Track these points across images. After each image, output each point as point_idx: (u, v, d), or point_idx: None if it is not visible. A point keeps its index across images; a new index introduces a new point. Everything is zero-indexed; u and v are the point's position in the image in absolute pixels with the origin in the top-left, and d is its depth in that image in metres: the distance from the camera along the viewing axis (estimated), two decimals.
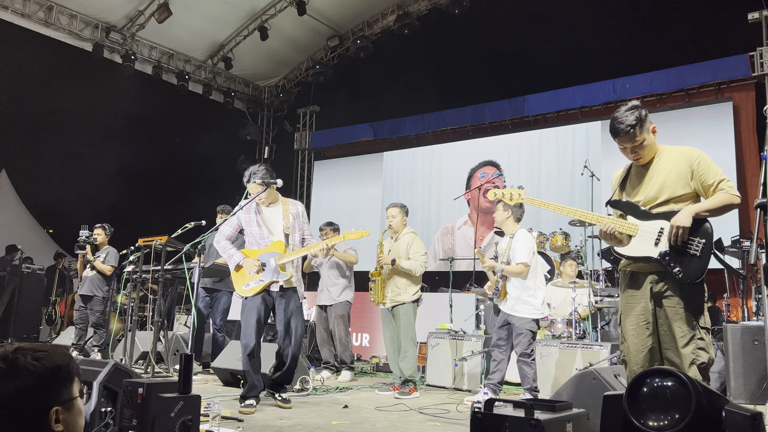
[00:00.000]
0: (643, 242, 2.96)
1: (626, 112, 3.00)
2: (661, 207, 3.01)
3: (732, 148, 8.72)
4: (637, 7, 9.82)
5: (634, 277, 3.04)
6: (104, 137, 11.96)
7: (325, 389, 5.65)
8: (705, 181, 2.94)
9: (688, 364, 2.78)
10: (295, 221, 4.64)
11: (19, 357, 1.38)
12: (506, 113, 11.04)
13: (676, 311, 2.87)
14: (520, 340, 4.91)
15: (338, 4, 11.75)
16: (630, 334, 2.98)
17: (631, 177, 3.18)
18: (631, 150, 3.03)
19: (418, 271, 5.52)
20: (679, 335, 2.83)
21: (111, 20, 11.21)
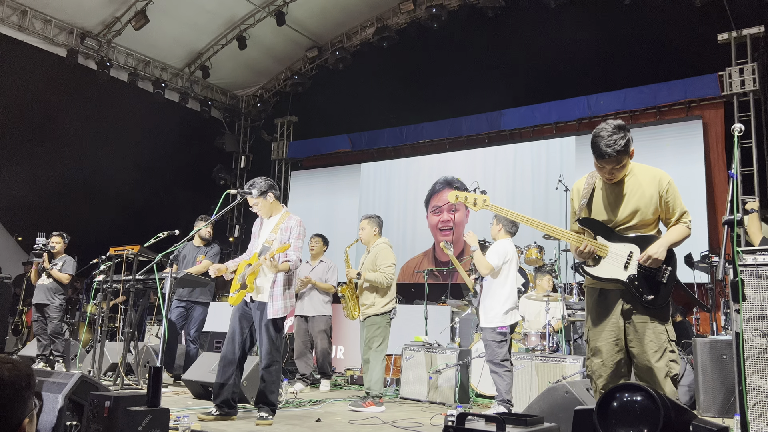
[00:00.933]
0: (612, 264, 3.00)
1: (615, 135, 2.88)
2: (631, 230, 3.04)
3: (702, 165, 8.91)
4: (612, 26, 10.02)
5: (604, 294, 3.07)
6: (76, 144, 11.78)
7: (298, 402, 5.59)
8: (672, 208, 3.01)
9: (663, 376, 2.82)
10: (282, 235, 4.60)
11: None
12: (483, 127, 11.14)
13: (647, 326, 2.91)
14: (487, 349, 4.96)
15: (317, 16, 11.78)
16: (601, 350, 3.00)
17: (599, 193, 3.14)
18: (610, 171, 3.00)
19: (383, 283, 5.49)
20: (652, 350, 2.87)
21: (86, 26, 11.08)
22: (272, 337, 4.48)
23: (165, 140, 12.10)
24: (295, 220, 4.68)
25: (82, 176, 12.03)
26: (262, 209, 4.69)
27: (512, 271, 5.12)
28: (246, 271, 4.53)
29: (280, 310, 4.50)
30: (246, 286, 4.50)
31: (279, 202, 4.80)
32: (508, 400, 4.86)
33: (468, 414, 2.28)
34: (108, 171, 12.08)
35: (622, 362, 2.97)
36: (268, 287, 4.53)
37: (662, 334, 2.89)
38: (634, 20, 9.74)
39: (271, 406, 4.48)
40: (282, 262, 4.42)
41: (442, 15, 10.77)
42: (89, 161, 12.01)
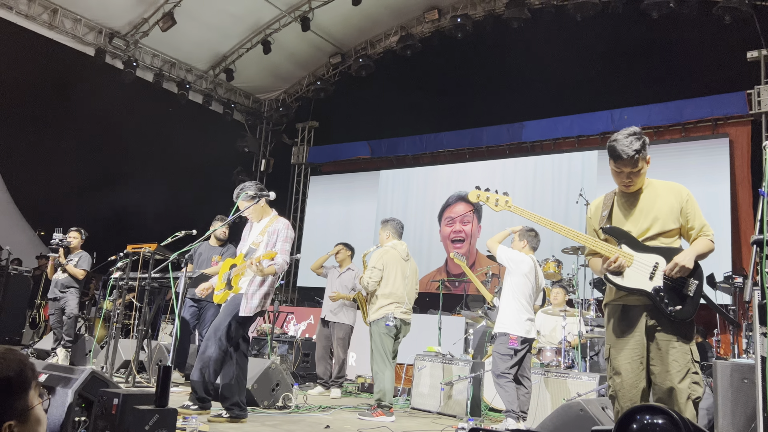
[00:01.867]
0: (637, 274, 2.91)
1: (630, 137, 2.91)
2: (652, 240, 2.97)
3: (727, 184, 8.75)
4: (639, 40, 9.92)
5: (626, 310, 2.98)
6: (101, 142, 11.93)
7: (307, 408, 5.55)
8: (691, 222, 2.95)
9: (685, 399, 2.72)
10: (269, 237, 4.59)
11: None
12: (504, 138, 11.08)
13: (671, 345, 2.82)
14: (492, 358, 4.93)
15: (342, 22, 11.83)
16: (624, 368, 2.90)
17: (618, 207, 3.11)
18: (627, 175, 2.97)
19: (364, 286, 5.46)
20: (675, 370, 2.78)
21: (115, 26, 11.23)
22: (229, 331, 4.40)
23: (187, 141, 12.21)
24: (282, 223, 4.67)
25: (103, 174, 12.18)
26: (253, 213, 4.68)
27: (525, 284, 5.03)
28: (231, 271, 4.54)
29: (252, 309, 4.46)
30: (231, 287, 4.51)
31: (269, 207, 4.78)
32: (514, 411, 4.78)
33: (480, 429, 2.23)
34: (129, 169, 12.22)
35: (646, 382, 2.88)
36: (245, 285, 4.53)
37: (686, 354, 2.80)
38: (662, 35, 9.64)
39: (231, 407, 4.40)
40: (268, 266, 4.39)
41: (467, 25, 10.74)
42: (111, 159, 12.16)
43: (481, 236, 10.59)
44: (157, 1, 10.73)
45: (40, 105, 11.75)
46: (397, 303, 5.43)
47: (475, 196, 3.21)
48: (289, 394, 5.35)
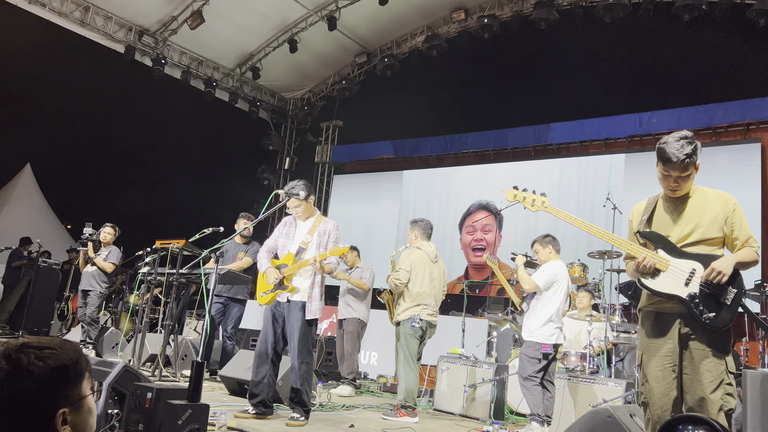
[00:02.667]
0: (672, 279, 2.87)
1: (682, 140, 2.85)
2: (692, 247, 2.92)
3: (758, 190, 8.59)
4: (670, 42, 9.78)
5: (660, 317, 2.94)
6: (129, 139, 12.10)
7: (331, 406, 5.58)
8: (736, 233, 2.89)
9: (717, 410, 2.67)
10: (320, 238, 4.61)
11: (22, 357, 1.28)
12: (530, 140, 10.99)
13: (704, 354, 2.77)
14: (519, 362, 4.91)
15: (368, 22, 11.85)
16: (655, 376, 2.87)
17: (660, 211, 3.07)
18: (675, 179, 2.92)
19: (390, 285, 5.47)
20: (708, 380, 2.73)
21: (144, 24, 11.39)
22: (306, 338, 4.49)
23: (213, 138, 12.34)
24: (332, 224, 4.71)
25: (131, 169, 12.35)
26: (304, 212, 4.71)
27: (559, 292, 5.02)
28: (283, 270, 4.55)
29: (318, 311, 4.55)
30: (284, 286, 4.51)
31: (314, 206, 4.81)
32: (539, 415, 4.76)
33: None
34: (155, 166, 12.38)
35: (678, 391, 2.83)
36: (306, 288, 4.54)
37: (721, 364, 2.75)
38: (693, 38, 9.49)
39: (303, 407, 4.47)
40: (326, 264, 4.44)
41: (494, 26, 10.68)
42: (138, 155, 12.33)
43: (502, 245, 10.54)
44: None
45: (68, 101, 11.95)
46: (424, 305, 5.43)
47: (512, 195, 3.21)
48: (313, 392, 5.38)
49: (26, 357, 1.28)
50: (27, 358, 1.28)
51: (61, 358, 1.32)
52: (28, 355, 1.28)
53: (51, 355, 1.32)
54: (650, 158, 3.03)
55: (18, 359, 1.28)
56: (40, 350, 1.31)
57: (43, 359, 1.30)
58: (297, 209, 4.68)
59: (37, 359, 1.29)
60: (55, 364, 1.31)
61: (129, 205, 11.85)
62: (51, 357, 1.31)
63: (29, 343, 1.32)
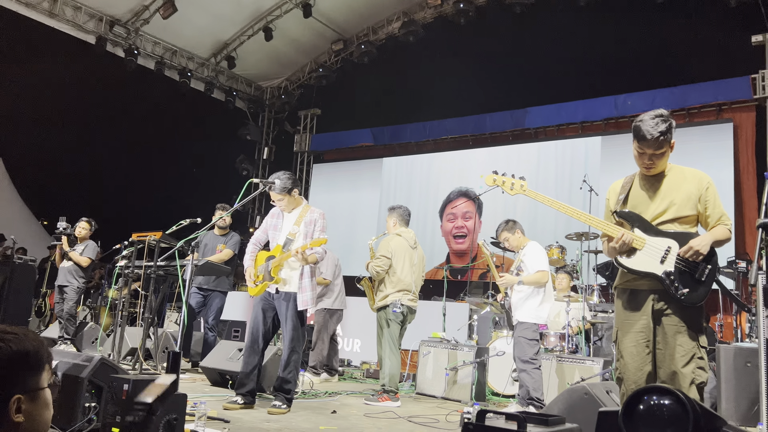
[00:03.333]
0: (648, 257, 2.91)
1: (657, 118, 2.89)
2: (666, 224, 2.97)
3: (731, 169, 8.73)
4: (642, 25, 9.85)
5: (634, 294, 2.99)
6: (103, 131, 11.93)
7: (314, 393, 5.60)
8: (709, 210, 2.94)
9: (689, 384, 2.74)
10: (306, 228, 4.61)
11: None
12: (507, 124, 11.04)
13: (677, 330, 2.83)
14: (517, 346, 4.92)
15: (344, 8, 11.76)
16: (629, 351, 2.93)
17: (636, 189, 3.11)
18: (649, 157, 2.96)
19: (371, 272, 5.51)
20: (680, 354, 2.79)
21: (115, 14, 11.19)
22: (297, 327, 4.52)
23: (189, 129, 12.21)
24: (318, 213, 4.71)
25: (106, 163, 12.19)
26: (288, 204, 4.69)
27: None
28: (270, 262, 4.55)
29: (309, 301, 4.56)
30: (272, 278, 4.51)
31: (300, 196, 4.80)
32: (537, 398, 4.79)
33: (488, 411, 2.25)
34: (132, 158, 12.22)
35: (652, 366, 2.90)
36: (296, 278, 4.55)
37: (693, 339, 2.81)
38: (666, 20, 9.57)
39: (286, 394, 4.49)
40: (310, 255, 4.44)
41: (469, 10, 10.67)
42: (113, 148, 12.17)
43: (482, 231, 10.61)
44: None
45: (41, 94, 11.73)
46: (405, 291, 5.49)
47: (491, 179, 3.25)
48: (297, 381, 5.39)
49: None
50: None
51: (24, 344, 1.31)
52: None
53: (14, 339, 1.31)
54: (626, 140, 3.07)
55: None
56: (4, 334, 1.30)
57: (5, 341, 1.29)
58: (281, 203, 4.67)
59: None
60: (17, 348, 1.30)
61: (105, 198, 11.70)
62: (13, 341, 1.30)
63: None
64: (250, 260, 4.69)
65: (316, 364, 6.67)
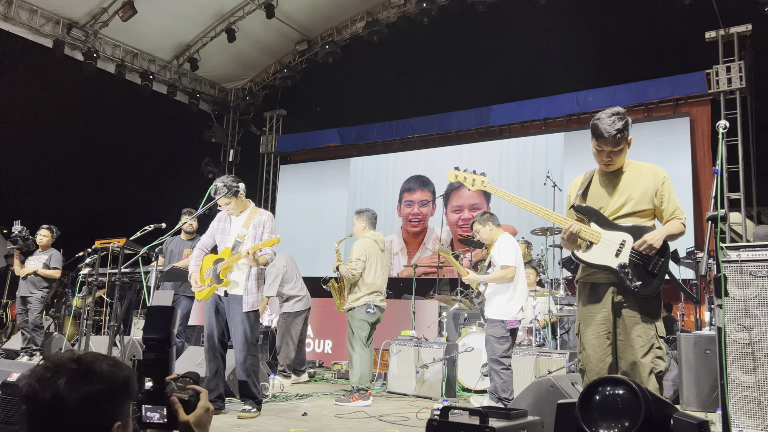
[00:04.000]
0: (604, 251, 3.00)
1: (614, 116, 2.98)
2: (623, 219, 3.06)
3: (688, 162, 8.98)
4: (602, 22, 10.06)
5: (594, 287, 3.08)
6: (62, 136, 11.68)
7: (284, 396, 5.59)
8: (665, 204, 3.04)
9: (648, 373, 2.83)
10: (255, 230, 4.60)
11: (95, 361, 1.29)
12: (472, 123, 11.15)
13: (635, 321, 2.93)
14: (487, 344, 4.95)
15: (307, 9, 11.71)
16: (590, 343, 3.01)
17: (595, 185, 3.20)
18: (608, 154, 3.04)
19: (346, 276, 5.56)
20: (639, 345, 2.88)
21: (73, 17, 10.94)
22: (247, 330, 4.49)
23: (152, 133, 12.02)
24: (266, 215, 4.71)
25: (68, 168, 11.93)
26: (236, 207, 4.67)
27: (519, 266, 5.05)
28: (219, 265, 4.53)
29: (256, 303, 4.56)
30: (220, 281, 4.50)
31: (247, 199, 4.77)
32: (505, 399, 4.74)
33: (452, 407, 2.29)
34: (95, 163, 11.99)
35: (613, 357, 2.98)
36: (242, 281, 4.54)
37: (651, 329, 2.91)
38: (624, 17, 9.78)
39: (254, 399, 4.48)
40: (260, 256, 4.44)
41: (432, 10, 10.73)
42: (75, 153, 11.92)
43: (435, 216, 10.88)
44: None
45: None
46: (377, 292, 5.61)
47: (453, 176, 3.35)
48: (266, 384, 5.39)
49: (99, 362, 1.30)
50: (100, 364, 1.30)
51: (125, 371, 1.35)
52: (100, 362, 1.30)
53: (120, 365, 1.35)
54: (588, 136, 3.16)
55: (90, 363, 1.29)
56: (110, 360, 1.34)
57: (114, 367, 1.32)
58: (228, 206, 4.65)
59: (107, 366, 1.31)
60: (123, 374, 1.33)
61: (67, 205, 11.45)
62: (118, 366, 1.34)
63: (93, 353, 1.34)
64: (195, 265, 4.67)
65: (284, 367, 6.66)
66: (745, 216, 8.72)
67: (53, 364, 1.28)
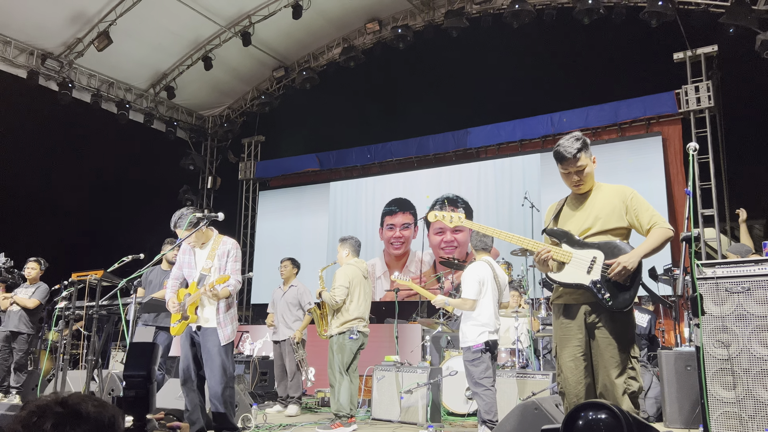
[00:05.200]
0: (575, 269, 3.05)
1: (572, 139, 3.17)
2: (594, 237, 3.12)
3: (662, 180, 9.15)
4: (574, 45, 10.29)
5: (568, 309, 3.12)
6: (39, 166, 11.53)
7: (268, 427, 5.50)
8: (639, 216, 3.09)
9: (621, 393, 2.86)
10: (219, 261, 4.52)
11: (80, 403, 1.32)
12: (450, 145, 11.27)
13: (608, 342, 2.96)
14: (465, 370, 4.94)
15: (284, 36, 11.81)
16: (567, 366, 3.03)
17: (566, 209, 3.30)
18: (575, 174, 3.14)
19: (330, 303, 5.57)
20: (612, 366, 2.91)
21: (47, 47, 10.90)
22: (224, 363, 4.41)
23: (130, 162, 11.93)
24: (231, 243, 4.61)
25: (45, 199, 11.76)
26: (198, 239, 4.59)
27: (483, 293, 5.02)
28: (186, 300, 4.45)
29: (231, 335, 4.49)
30: (187, 317, 4.43)
31: (210, 229, 4.66)
32: (489, 420, 4.75)
33: None
34: (72, 194, 11.83)
35: (591, 377, 3.01)
36: (213, 315, 4.46)
37: (624, 351, 2.94)
38: (595, 40, 10.02)
39: (233, 430, 4.42)
40: (222, 289, 4.37)
41: (407, 35, 10.89)
42: (52, 184, 11.76)
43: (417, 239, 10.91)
44: (91, 20, 10.48)
45: None
46: (360, 318, 5.61)
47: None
48: (248, 415, 5.31)
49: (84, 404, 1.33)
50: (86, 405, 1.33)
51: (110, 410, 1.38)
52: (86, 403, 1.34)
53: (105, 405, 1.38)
54: None
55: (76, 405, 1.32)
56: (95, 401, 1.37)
57: (100, 407, 1.36)
58: (189, 239, 4.55)
59: (93, 407, 1.34)
60: (108, 415, 1.37)
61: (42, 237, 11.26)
62: (104, 407, 1.37)
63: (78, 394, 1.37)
64: (171, 293, 4.59)
65: (299, 393, 6.62)
66: (719, 231, 8.89)
67: (38, 408, 1.28)
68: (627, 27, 9.70)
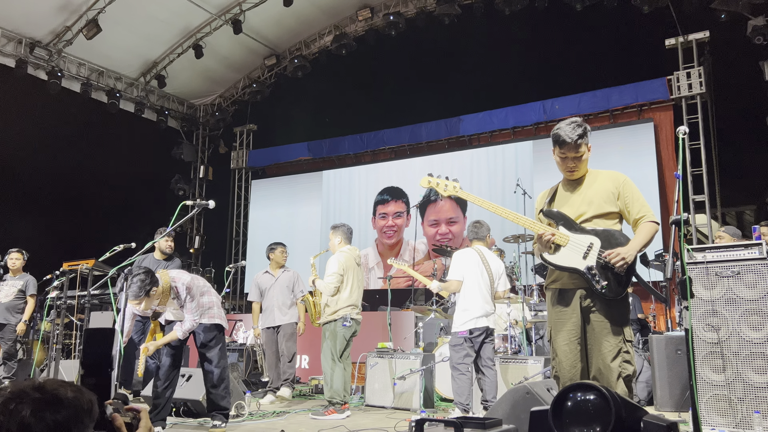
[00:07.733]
0: (572, 253, 3.05)
1: (573, 124, 3.12)
2: (589, 222, 3.12)
3: (654, 166, 9.18)
4: (566, 31, 10.26)
5: (563, 294, 3.13)
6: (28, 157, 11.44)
7: (261, 414, 5.52)
8: (629, 205, 3.10)
9: (616, 377, 2.88)
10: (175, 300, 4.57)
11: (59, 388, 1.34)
12: (442, 133, 11.25)
13: (603, 326, 2.97)
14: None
15: (275, 24, 11.72)
16: (562, 350, 3.05)
17: (560, 194, 3.29)
18: (571, 160, 3.14)
19: (324, 290, 5.58)
20: (607, 350, 2.93)
21: (36, 35, 10.78)
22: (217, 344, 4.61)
23: (121, 151, 11.85)
24: (179, 284, 4.52)
25: (36, 189, 11.69)
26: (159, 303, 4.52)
27: (469, 279, 5.10)
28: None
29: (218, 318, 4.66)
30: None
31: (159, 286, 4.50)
32: (460, 403, 4.93)
33: (427, 420, 2.30)
34: (63, 184, 11.77)
35: (585, 361, 3.02)
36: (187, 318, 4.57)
37: (618, 335, 2.96)
38: (587, 26, 10.00)
39: (223, 411, 4.48)
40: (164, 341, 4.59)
41: (399, 22, 10.84)
42: (43, 174, 11.69)
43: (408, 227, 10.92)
44: (79, 8, 10.36)
45: None
46: (353, 305, 5.61)
47: (426, 182, 3.41)
48: (242, 402, 5.32)
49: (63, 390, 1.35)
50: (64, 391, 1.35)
51: (88, 396, 1.40)
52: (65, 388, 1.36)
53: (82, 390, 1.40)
54: None
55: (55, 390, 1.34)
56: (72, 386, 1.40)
57: (78, 392, 1.38)
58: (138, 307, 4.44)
59: (72, 392, 1.37)
60: (86, 400, 1.39)
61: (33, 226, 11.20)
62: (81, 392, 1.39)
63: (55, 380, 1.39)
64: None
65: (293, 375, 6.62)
66: (710, 217, 8.93)
67: (14, 395, 1.27)
68: (619, 13, 9.68)
